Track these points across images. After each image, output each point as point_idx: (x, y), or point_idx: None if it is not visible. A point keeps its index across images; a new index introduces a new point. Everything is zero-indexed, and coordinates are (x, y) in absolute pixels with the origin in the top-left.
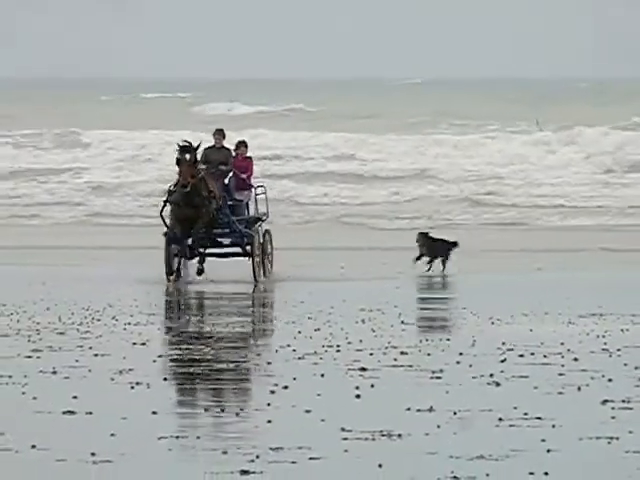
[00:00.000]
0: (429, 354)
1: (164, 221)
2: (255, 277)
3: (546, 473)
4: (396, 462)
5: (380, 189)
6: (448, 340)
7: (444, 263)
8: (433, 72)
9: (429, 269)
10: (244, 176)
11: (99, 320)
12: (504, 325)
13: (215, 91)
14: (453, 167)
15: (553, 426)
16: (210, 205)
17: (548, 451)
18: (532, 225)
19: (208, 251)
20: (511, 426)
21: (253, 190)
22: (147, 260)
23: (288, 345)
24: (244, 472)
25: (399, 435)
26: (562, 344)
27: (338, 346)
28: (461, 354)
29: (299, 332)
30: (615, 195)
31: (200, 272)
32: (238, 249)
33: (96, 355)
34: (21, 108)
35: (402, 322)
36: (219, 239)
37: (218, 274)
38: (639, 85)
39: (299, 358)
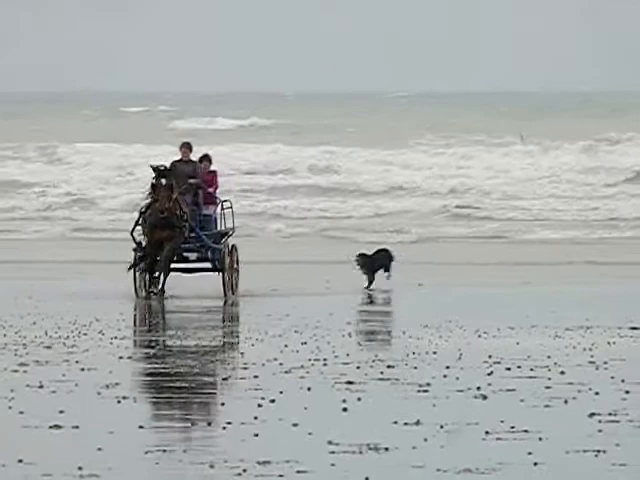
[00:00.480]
0: (416, 367)
1: (134, 240)
2: (225, 292)
3: None
4: (383, 475)
5: (362, 203)
6: (435, 353)
7: (388, 270)
8: (423, 86)
9: (368, 286)
10: (211, 190)
11: (86, 334)
12: (491, 338)
13: (197, 105)
14: (436, 180)
15: (540, 439)
16: (184, 227)
17: (535, 464)
18: (514, 238)
19: (174, 266)
20: (498, 439)
21: (220, 204)
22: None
23: (275, 359)
24: None
25: (386, 448)
26: (549, 357)
27: (325, 360)
28: (448, 367)
29: (285, 346)
30: (597, 208)
31: (161, 293)
32: (206, 264)
33: (83, 369)
34: (3, 122)
35: (389, 336)
36: (185, 254)
37: (188, 289)
38: (633, 97)
39: (286, 372)
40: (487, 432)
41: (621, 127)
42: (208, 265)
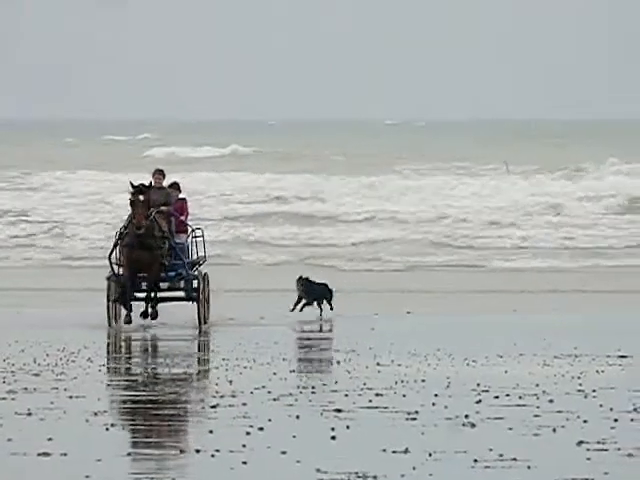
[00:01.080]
0: (404, 395)
1: (111, 265)
2: (200, 321)
3: None
4: None
5: (345, 230)
6: (423, 381)
7: (321, 306)
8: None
9: (300, 309)
10: (182, 218)
11: (74, 362)
12: (479, 366)
13: (178, 132)
14: (419, 207)
15: (529, 467)
16: (163, 247)
17: None
18: (499, 266)
19: (141, 296)
20: (486, 467)
21: (190, 232)
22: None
23: (263, 386)
24: None
25: (374, 477)
26: (537, 385)
27: (313, 387)
28: (436, 395)
29: (274, 373)
30: (583, 236)
31: (148, 315)
32: (179, 293)
33: (71, 397)
34: None
35: (377, 364)
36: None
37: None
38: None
39: (274, 399)
40: (475, 460)
41: (600, 155)
42: (181, 294)
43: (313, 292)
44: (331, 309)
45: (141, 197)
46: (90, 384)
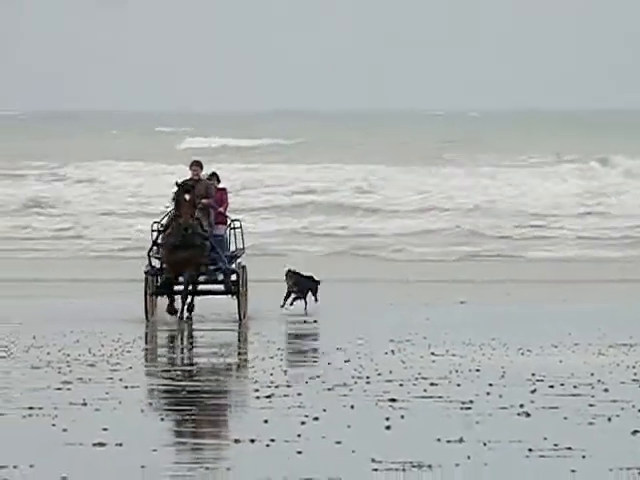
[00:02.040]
0: (459, 385)
1: (150, 259)
2: (240, 316)
3: None
4: None
5: (393, 221)
6: (478, 371)
7: (306, 300)
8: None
9: (290, 303)
10: (221, 209)
11: (129, 352)
12: (534, 356)
13: (201, 125)
14: (466, 199)
15: (583, 457)
16: (206, 246)
17: None
18: (546, 257)
19: (180, 289)
20: (541, 457)
21: (229, 223)
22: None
23: (318, 376)
24: None
25: (429, 466)
26: (592, 375)
27: (368, 377)
28: (491, 385)
29: (329, 363)
30: (633, 226)
31: (187, 310)
32: (218, 287)
33: (126, 387)
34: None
35: (432, 353)
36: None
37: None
38: None
39: (329, 389)
40: (530, 450)
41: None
42: (220, 288)
43: (302, 285)
44: (316, 301)
45: (187, 196)
46: (145, 374)
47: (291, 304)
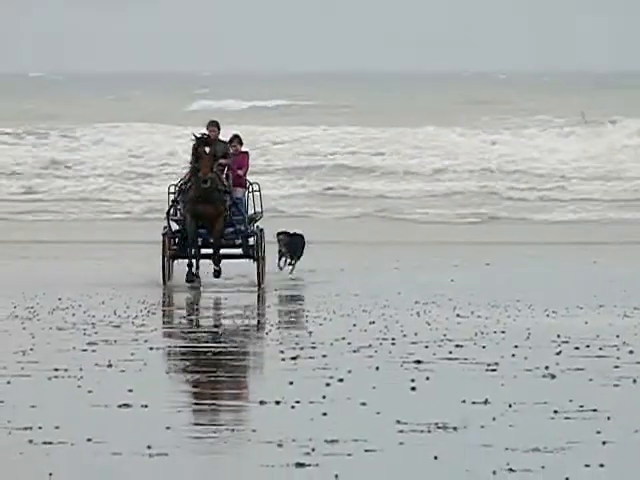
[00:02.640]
0: (484, 347)
1: (169, 221)
2: (259, 281)
3: (602, 465)
4: (452, 454)
5: (410, 183)
6: (503, 333)
7: (295, 261)
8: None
9: (292, 270)
10: (240, 172)
11: (154, 314)
12: (559, 317)
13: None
14: (485, 161)
15: (608, 418)
16: (226, 202)
17: (604, 443)
18: (574, 218)
19: (203, 252)
20: (566, 418)
21: (248, 187)
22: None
23: (343, 338)
24: (299, 465)
25: (454, 428)
26: (617, 337)
27: (393, 339)
28: (516, 347)
29: (354, 325)
30: None
31: (217, 272)
32: (236, 250)
33: (151, 348)
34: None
35: (457, 315)
36: (205, 237)
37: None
38: None
39: (354, 351)
40: (556, 411)
41: None
42: (238, 251)
43: (293, 245)
44: (298, 258)
45: (207, 149)
46: (170, 336)
47: (288, 265)
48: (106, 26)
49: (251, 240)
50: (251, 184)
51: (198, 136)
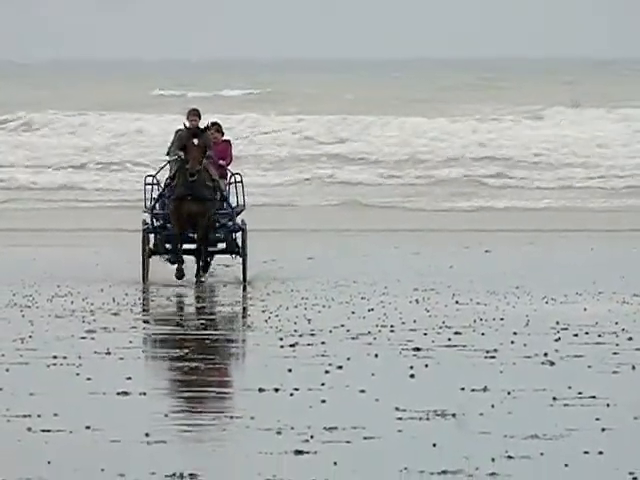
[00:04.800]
0: (483, 334)
1: (152, 217)
2: (245, 277)
3: (600, 452)
4: (450, 442)
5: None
6: (502, 320)
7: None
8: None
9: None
10: (223, 163)
11: (153, 301)
12: (558, 304)
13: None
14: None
15: (607, 405)
16: (214, 200)
17: (603, 430)
18: (571, 206)
19: (196, 249)
20: (565, 405)
21: (231, 179)
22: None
23: (342, 325)
24: (298, 452)
25: (453, 415)
26: (616, 323)
27: (392, 326)
28: (515, 334)
29: (353, 312)
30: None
31: (200, 271)
32: (220, 245)
33: (150, 336)
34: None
35: (456, 302)
36: (191, 234)
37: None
38: None
39: (353, 338)
40: (554, 398)
41: None
42: (222, 246)
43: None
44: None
45: (196, 141)
46: (169, 324)
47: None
48: (84, 15)
49: (236, 235)
50: (233, 174)
51: (188, 127)
